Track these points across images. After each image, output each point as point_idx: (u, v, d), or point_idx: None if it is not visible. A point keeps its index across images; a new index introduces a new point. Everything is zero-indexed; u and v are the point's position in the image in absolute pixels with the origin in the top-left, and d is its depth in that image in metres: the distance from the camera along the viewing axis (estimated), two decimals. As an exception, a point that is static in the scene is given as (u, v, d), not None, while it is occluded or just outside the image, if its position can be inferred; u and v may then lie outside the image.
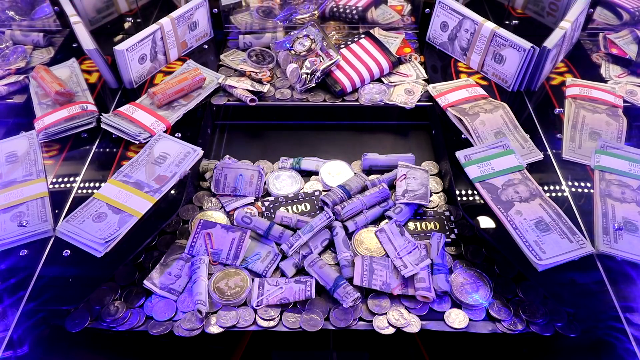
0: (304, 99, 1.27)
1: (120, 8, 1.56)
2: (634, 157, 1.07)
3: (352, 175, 1.14)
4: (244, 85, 1.26)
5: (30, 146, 1.12)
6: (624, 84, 1.30)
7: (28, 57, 1.41)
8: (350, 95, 1.28)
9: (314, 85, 1.27)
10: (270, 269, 0.96)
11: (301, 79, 1.25)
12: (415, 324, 0.89)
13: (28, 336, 0.86)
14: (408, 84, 1.30)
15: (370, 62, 1.29)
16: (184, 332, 0.88)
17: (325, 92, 1.28)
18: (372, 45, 1.34)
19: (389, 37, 1.44)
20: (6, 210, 0.98)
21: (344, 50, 1.33)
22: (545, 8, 1.51)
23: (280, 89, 1.29)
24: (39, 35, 1.46)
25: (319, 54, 1.25)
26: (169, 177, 1.03)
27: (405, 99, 1.25)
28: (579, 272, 0.90)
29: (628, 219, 0.95)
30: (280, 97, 1.27)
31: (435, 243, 0.97)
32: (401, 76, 1.32)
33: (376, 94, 1.27)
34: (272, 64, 1.35)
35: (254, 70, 1.31)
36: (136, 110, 1.17)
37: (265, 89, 1.27)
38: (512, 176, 1.03)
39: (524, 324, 0.89)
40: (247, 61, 1.33)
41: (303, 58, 1.27)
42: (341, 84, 1.26)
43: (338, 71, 1.28)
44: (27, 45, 1.45)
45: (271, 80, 1.32)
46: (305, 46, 1.27)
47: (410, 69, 1.35)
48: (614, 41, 1.42)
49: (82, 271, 0.91)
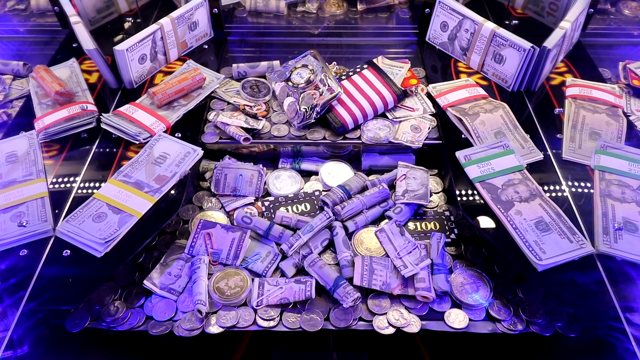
0: (302, 136, 1.16)
1: (120, 8, 1.56)
2: (634, 157, 1.07)
3: (352, 175, 1.14)
4: (238, 122, 1.16)
5: (30, 146, 1.12)
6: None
7: (7, 89, 1.30)
8: (352, 132, 1.17)
9: (313, 121, 1.15)
10: (270, 269, 0.96)
11: (299, 115, 1.15)
12: (415, 324, 0.89)
13: (28, 336, 0.86)
14: (415, 119, 1.20)
15: (373, 96, 1.19)
16: (184, 332, 0.88)
17: (326, 128, 1.17)
18: (376, 77, 1.22)
19: (393, 66, 1.32)
20: (6, 210, 0.98)
21: (345, 82, 1.22)
22: (545, 8, 1.51)
23: (276, 125, 1.19)
24: (18, 64, 1.36)
25: (319, 86, 1.15)
26: (169, 177, 1.03)
27: (411, 137, 1.14)
28: (579, 272, 0.90)
29: (628, 219, 0.95)
30: (277, 134, 1.17)
31: (435, 243, 0.97)
32: (407, 110, 1.22)
33: (380, 131, 1.16)
34: (268, 96, 1.25)
35: (248, 104, 1.21)
36: (136, 110, 1.17)
37: (260, 126, 1.17)
38: (512, 176, 1.03)
39: (524, 324, 0.89)
40: (242, 93, 1.24)
41: (301, 91, 1.17)
42: (342, 120, 1.15)
43: (339, 106, 1.17)
44: (5, 75, 1.35)
45: (267, 115, 1.22)
46: (304, 78, 1.18)
47: (416, 102, 1.24)
48: (635, 71, 1.28)
49: (82, 271, 0.91)
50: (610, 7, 1.49)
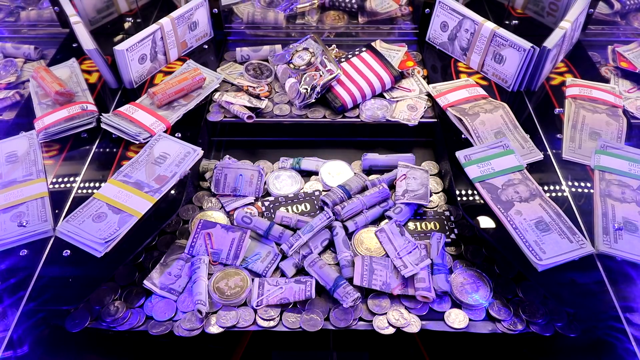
0: (303, 115, 1.22)
1: (120, 8, 1.56)
2: (634, 157, 1.07)
3: (352, 175, 1.14)
4: (241, 101, 1.22)
5: (30, 146, 1.12)
6: (634, 100, 1.24)
7: (19, 71, 1.37)
8: (351, 112, 1.23)
9: (313, 100, 1.22)
10: (270, 269, 0.96)
11: (300, 95, 1.20)
12: (415, 324, 0.89)
13: (28, 336, 0.86)
14: (411, 99, 1.26)
15: (371, 77, 1.25)
16: (184, 332, 0.88)
17: (325, 108, 1.23)
18: (374, 59, 1.29)
19: (391, 50, 1.39)
20: (6, 210, 0.98)
21: (345, 64, 1.28)
22: (545, 8, 1.51)
23: (278, 105, 1.25)
24: (30, 48, 1.43)
25: (319, 68, 1.22)
26: (169, 177, 1.03)
27: (408, 116, 1.21)
28: (579, 272, 0.90)
29: (628, 219, 0.95)
30: (279, 113, 1.23)
31: (435, 243, 0.97)
32: (404, 91, 1.28)
33: (378, 110, 1.22)
34: (270, 78, 1.31)
35: (251, 85, 1.27)
36: (136, 110, 1.17)
37: (263, 105, 1.23)
38: (512, 176, 1.03)
39: (524, 324, 0.89)
40: (245, 75, 1.30)
41: (302, 72, 1.22)
42: (342, 100, 1.21)
43: (338, 86, 1.23)
44: (18, 59, 1.41)
45: (269, 95, 1.28)
46: (305, 60, 1.23)
47: (413, 83, 1.30)
48: (623, 54, 1.36)
49: (82, 271, 0.91)
50: (620, 19, 1.49)
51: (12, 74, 1.34)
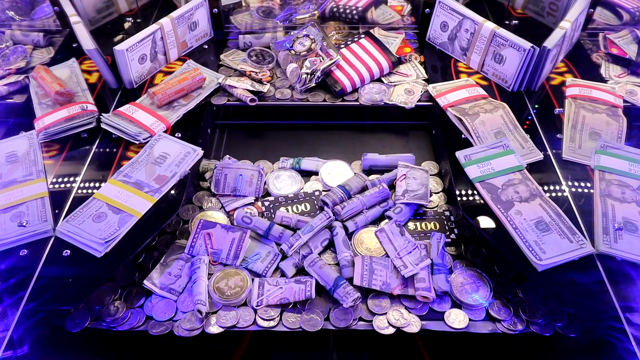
0: (304, 98, 1.27)
1: (120, 8, 1.56)
2: (634, 157, 1.07)
3: (352, 175, 1.14)
4: (244, 85, 1.27)
5: (30, 146, 1.12)
6: (624, 84, 1.30)
7: (28, 57, 1.41)
8: (350, 95, 1.28)
9: (314, 85, 1.27)
10: (270, 269, 0.96)
11: (301, 79, 1.25)
12: (415, 324, 0.89)
13: (28, 336, 0.86)
14: (408, 83, 1.31)
15: (370, 62, 1.30)
16: (184, 332, 0.88)
17: (325, 92, 1.29)
18: (372, 45, 1.34)
19: (389, 37, 1.44)
20: (6, 210, 0.98)
21: (344, 50, 1.33)
22: (545, 8, 1.51)
23: (280, 89, 1.30)
24: (39, 35, 1.46)
25: (319, 54, 1.25)
26: (169, 177, 1.03)
27: (405, 99, 1.25)
28: (579, 272, 0.90)
29: (628, 219, 0.95)
30: (281, 97, 1.28)
31: (435, 243, 0.97)
32: (401, 76, 1.33)
33: (376, 94, 1.27)
34: (272, 64, 1.35)
35: (254, 70, 1.31)
36: (136, 110, 1.17)
37: (265, 89, 1.28)
38: (512, 176, 1.03)
39: (524, 324, 0.89)
40: (247, 61, 1.34)
41: (303, 58, 1.27)
42: (341, 84, 1.26)
43: (338, 71, 1.28)
44: (27, 45, 1.45)
45: (271, 80, 1.32)
46: (305, 46, 1.27)
47: (410, 68, 1.36)
48: (614, 41, 1.42)
49: (82, 271, 0.91)
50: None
51: (22, 60, 1.38)
